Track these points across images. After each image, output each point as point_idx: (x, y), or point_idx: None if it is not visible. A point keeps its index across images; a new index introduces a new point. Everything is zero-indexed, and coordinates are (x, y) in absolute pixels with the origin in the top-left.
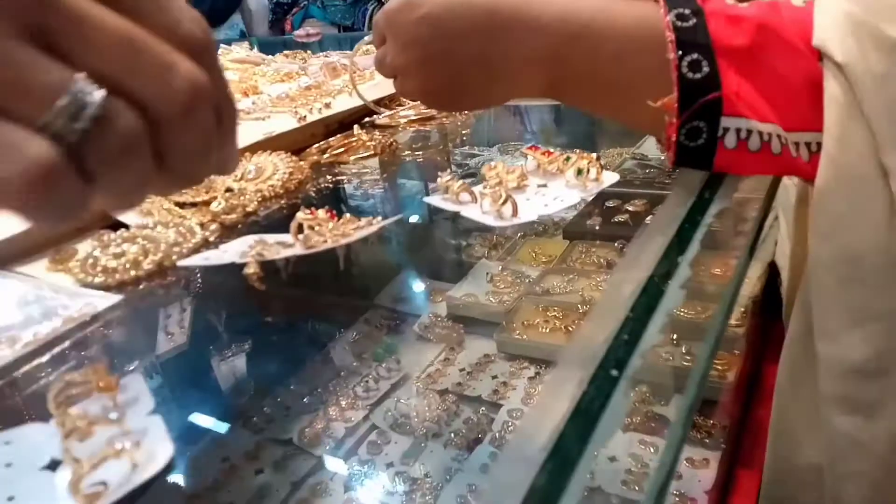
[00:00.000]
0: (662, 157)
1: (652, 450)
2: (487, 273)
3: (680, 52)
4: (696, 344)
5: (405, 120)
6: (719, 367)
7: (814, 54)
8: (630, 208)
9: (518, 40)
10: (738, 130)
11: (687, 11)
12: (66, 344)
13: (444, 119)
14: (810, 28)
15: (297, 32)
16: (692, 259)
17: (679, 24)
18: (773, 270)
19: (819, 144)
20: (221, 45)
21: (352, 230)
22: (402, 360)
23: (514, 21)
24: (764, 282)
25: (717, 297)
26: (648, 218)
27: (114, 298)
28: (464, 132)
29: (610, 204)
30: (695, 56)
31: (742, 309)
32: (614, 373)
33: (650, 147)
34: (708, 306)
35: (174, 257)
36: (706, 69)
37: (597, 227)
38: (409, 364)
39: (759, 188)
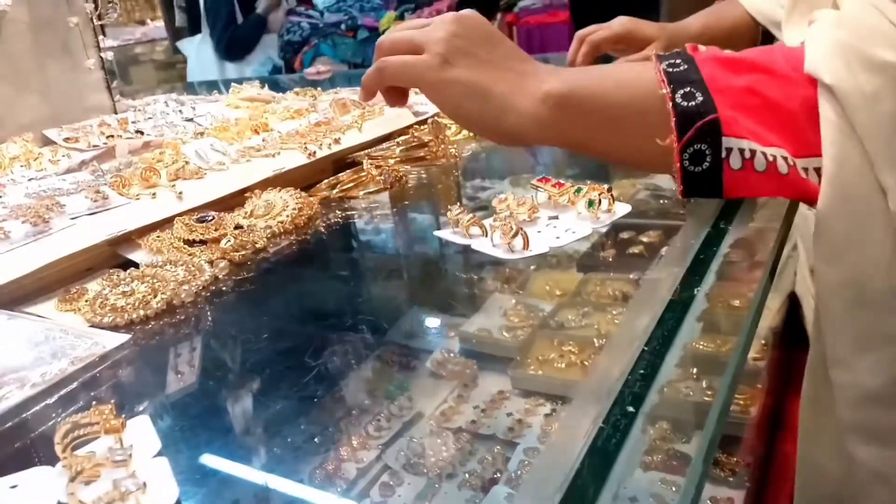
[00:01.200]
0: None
1: (674, 489)
2: (500, 307)
3: (672, 87)
4: (717, 378)
5: (400, 149)
6: (741, 402)
7: (809, 82)
8: (645, 239)
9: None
10: (741, 150)
11: (678, 61)
12: (74, 385)
13: (454, 151)
14: (802, 60)
15: (307, 70)
16: (708, 291)
17: (670, 70)
18: (793, 301)
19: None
20: (233, 84)
21: None
22: (415, 398)
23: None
24: (784, 313)
25: (735, 329)
26: (664, 249)
27: (122, 338)
28: (474, 165)
29: (624, 235)
30: (688, 89)
31: (763, 341)
32: (631, 409)
33: (664, 177)
34: (727, 338)
35: (183, 296)
36: (700, 98)
37: (611, 260)
38: (422, 402)
39: (775, 217)
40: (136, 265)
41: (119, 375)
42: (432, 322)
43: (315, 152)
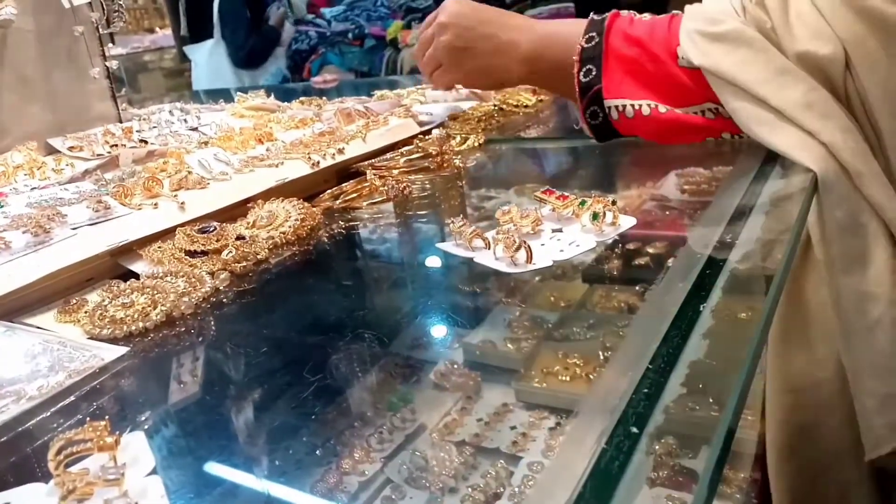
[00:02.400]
0: (683, 198)
1: None
2: (505, 318)
3: (580, 65)
4: (724, 393)
5: (404, 160)
6: (749, 418)
7: (672, 59)
8: (651, 250)
9: (511, 28)
10: (616, 107)
11: (594, 34)
12: (72, 398)
13: (458, 162)
14: (672, 42)
15: (314, 79)
16: (714, 306)
17: (586, 45)
18: None
19: (715, 111)
20: (238, 93)
21: None
22: (418, 410)
23: (509, 16)
24: None
25: (743, 343)
26: (670, 260)
27: (120, 350)
28: (479, 174)
29: (630, 246)
30: (588, 66)
31: None
32: (634, 429)
33: (670, 188)
34: (735, 352)
35: (183, 307)
36: (594, 73)
37: (616, 271)
38: (425, 414)
39: (785, 230)
40: (137, 276)
41: (117, 388)
42: (436, 333)
43: (318, 162)
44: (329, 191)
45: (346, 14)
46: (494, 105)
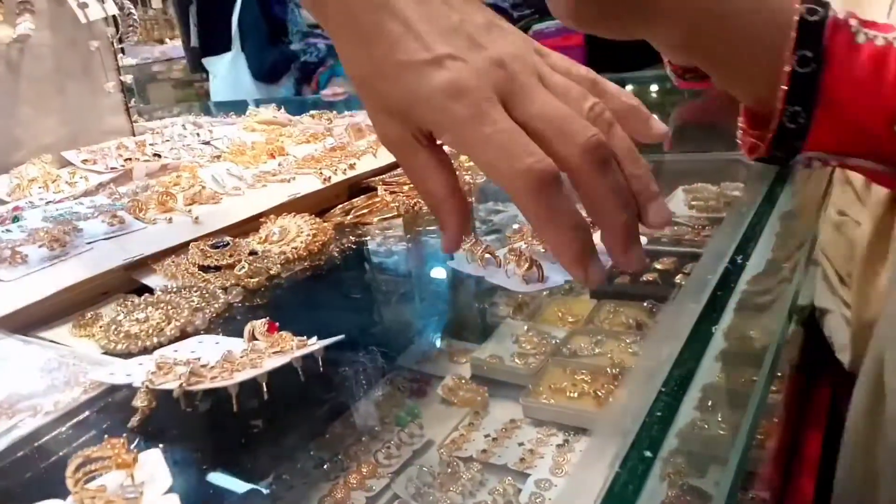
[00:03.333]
0: (691, 214)
1: None
2: (513, 333)
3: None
4: (735, 412)
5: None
6: (759, 436)
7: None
8: (659, 266)
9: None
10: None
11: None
12: (87, 414)
13: (468, 178)
14: None
15: (323, 92)
16: (726, 328)
17: (808, 17)
18: (808, 331)
19: None
20: (250, 107)
21: (271, 354)
22: (426, 425)
23: None
24: (801, 343)
25: (756, 363)
26: (678, 276)
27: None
28: (488, 189)
29: None
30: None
31: (779, 374)
32: (648, 454)
33: (678, 203)
34: (746, 372)
35: (197, 322)
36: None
37: (624, 286)
38: (433, 429)
39: (796, 250)
40: (151, 290)
41: (132, 404)
42: (444, 347)
43: (330, 177)
44: (340, 206)
45: None
46: None
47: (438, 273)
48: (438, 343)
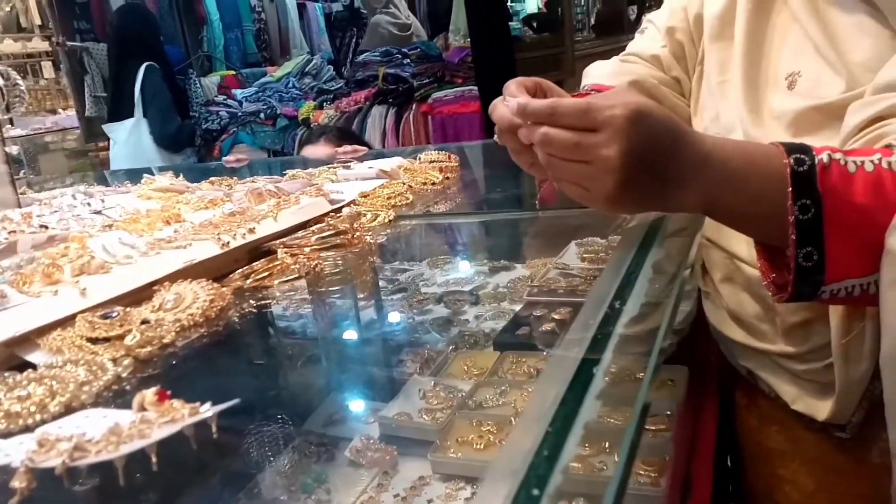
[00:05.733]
0: (584, 266)
1: None
2: (420, 389)
3: (795, 249)
4: (613, 447)
5: (316, 237)
6: (652, 475)
7: None
8: (556, 316)
9: (685, 168)
10: (837, 290)
11: (808, 202)
12: None
13: (370, 239)
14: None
15: (226, 158)
16: (606, 368)
17: (801, 217)
18: (693, 372)
19: None
20: (146, 176)
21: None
22: (333, 490)
23: (684, 149)
24: (686, 384)
25: (630, 402)
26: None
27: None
28: (392, 248)
29: (537, 313)
30: (808, 249)
31: (668, 413)
32: (536, 492)
33: (572, 257)
34: (627, 412)
35: (83, 397)
36: (815, 258)
37: (525, 338)
38: (341, 493)
39: (666, 294)
40: (34, 367)
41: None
42: (351, 408)
43: (229, 242)
44: (239, 270)
45: (257, 95)
46: (403, 183)
47: (343, 333)
48: (345, 404)
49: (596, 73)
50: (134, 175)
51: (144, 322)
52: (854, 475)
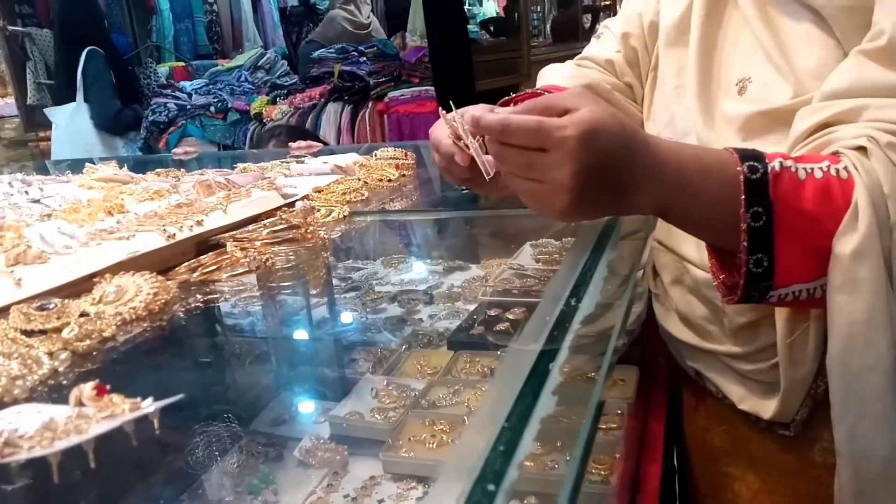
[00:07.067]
0: (538, 267)
1: None
2: (372, 388)
3: (746, 255)
4: (568, 443)
5: (267, 231)
6: (602, 473)
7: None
8: (510, 316)
9: (640, 176)
10: (785, 295)
11: (759, 210)
12: None
13: (324, 234)
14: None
15: (174, 150)
16: (562, 365)
17: (753, 225)
18: (643, 371)
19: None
20: (88, 165)
21: (100, 419)
22: (281, 491)
23: (639, 157)
24: (636, 384)
25: (586, 397)
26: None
27: None
28: (346, 245)
29: (491, 313)
30: (759, 255)
31: (619, 411)
32: (491, 487)
33: (527, 258)
34: (581, 410)
35: (16, 392)
36: (765, 264)
37: (479, 337)
38: (289, 494)
39: (620, 293)
40: None
41: None
42: (300, 408)
43: (175, 234)
44: (186, 263)
45: (207, 87)
46: (359, 179)
47: (294, 329)
48: (294, 403)
49: (551, 75)
50: (76, 166)
51: (83, 315)
52: (797, 475)
